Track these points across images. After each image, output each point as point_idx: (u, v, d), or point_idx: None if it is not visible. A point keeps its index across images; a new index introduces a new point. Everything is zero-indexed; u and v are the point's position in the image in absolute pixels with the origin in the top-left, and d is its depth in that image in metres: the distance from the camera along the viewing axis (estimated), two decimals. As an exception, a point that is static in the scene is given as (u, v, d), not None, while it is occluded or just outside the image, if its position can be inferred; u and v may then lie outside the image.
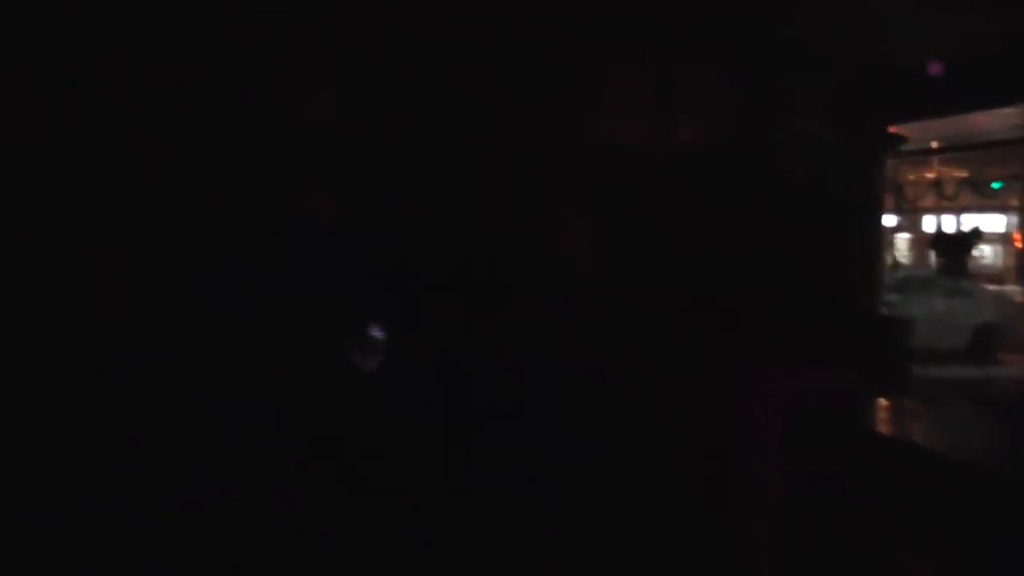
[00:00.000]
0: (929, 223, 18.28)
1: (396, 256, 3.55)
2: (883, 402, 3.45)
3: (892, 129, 5.50)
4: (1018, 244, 17.09)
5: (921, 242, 18.23)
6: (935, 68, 4.46)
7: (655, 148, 4.02)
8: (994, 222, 17.77)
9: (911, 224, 18.89)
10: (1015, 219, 17.28)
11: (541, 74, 3.65)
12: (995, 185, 15.29)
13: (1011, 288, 14.80)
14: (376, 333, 3.52)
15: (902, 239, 18.97)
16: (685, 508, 3.43)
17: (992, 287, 13.73)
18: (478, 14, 3.58)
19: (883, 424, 3.31)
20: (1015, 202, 16.22)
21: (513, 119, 3.59)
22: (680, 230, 4.04)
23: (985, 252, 17.12)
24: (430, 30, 3.59)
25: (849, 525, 2.96)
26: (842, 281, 4.91)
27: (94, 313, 2.98)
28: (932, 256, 14.63)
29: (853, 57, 4.81)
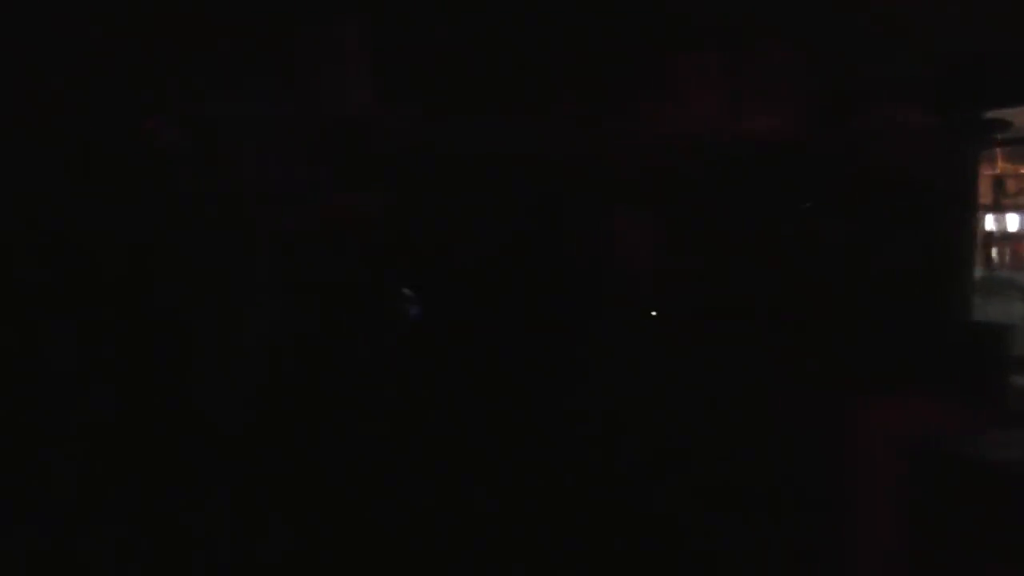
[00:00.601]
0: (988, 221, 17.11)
1: (439, 256, 3.28)
2: (1008, 431, 3.02)
3: (991, 116, 4.99)
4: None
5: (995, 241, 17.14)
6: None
7: (727, 140, 3.67)
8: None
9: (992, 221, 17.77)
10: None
11: (599, 58, 3.33)
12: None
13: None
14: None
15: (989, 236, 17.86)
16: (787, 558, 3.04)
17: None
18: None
19: (1009, 458, 2.87)
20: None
21: (568, 108, 3.27)
22: (753, 231, 3.69)
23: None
24: (480, 10, 3.29)
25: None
26: (935, 286, 4.47)
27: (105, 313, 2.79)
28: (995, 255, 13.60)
29: (947, 37, 4.37)
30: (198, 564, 2.96)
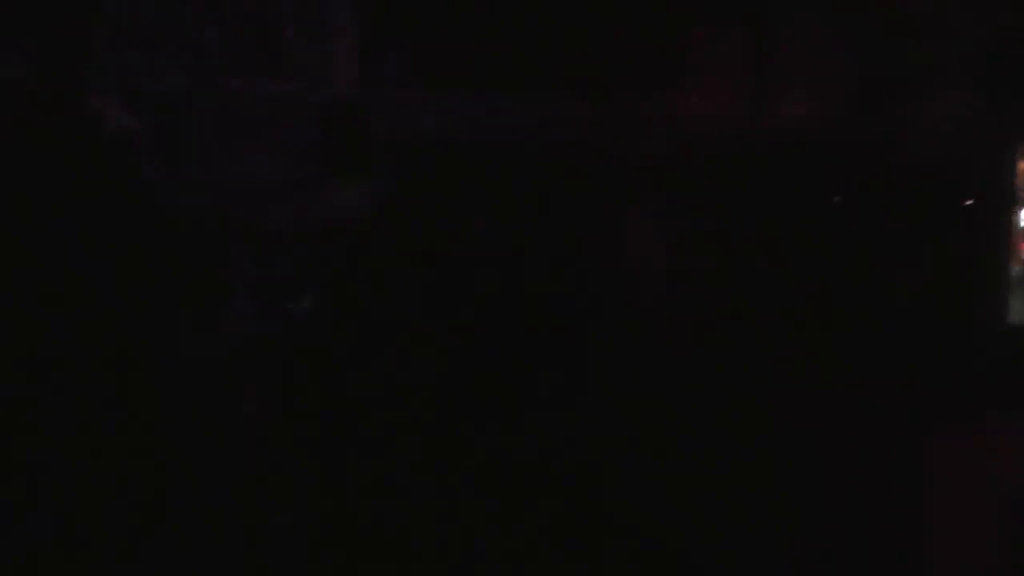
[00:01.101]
0: None
1: (433, 258, 3.07)
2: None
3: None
4: None
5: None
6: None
7: (750, 131, 3.43)
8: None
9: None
10: None
11: (610, 38, 3.07)
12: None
13: None
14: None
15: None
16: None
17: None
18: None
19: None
20: None
21: (575, 94, 3.02)
22: (780, 230, 3.45)
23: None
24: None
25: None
26: (974, 289, 4.23)
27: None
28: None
29: (989, 22, 4.12)
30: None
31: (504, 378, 2.92)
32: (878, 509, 2.63)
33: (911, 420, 2.73)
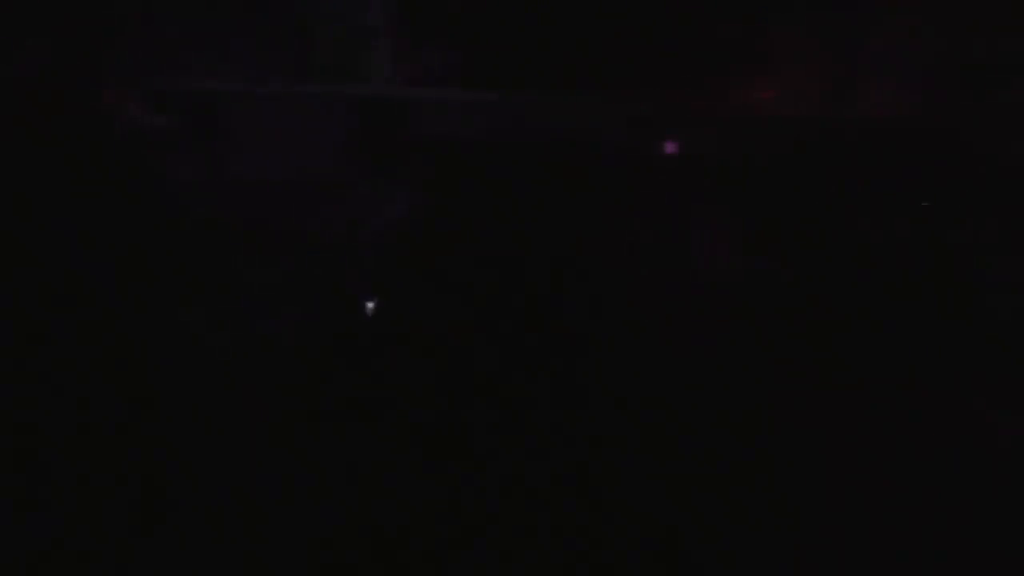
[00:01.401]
0: None
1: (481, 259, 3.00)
2: None
3: None
4: None
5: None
6: None
7: (830, 123, 3.25)
8: None
9: None
10: None
11: (678, 28, 2.95)
12: None
13: None
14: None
15: None
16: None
17: None
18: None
19: None
20: None
21: (637, 88, 2.91)
22: (861, 230, 3.26)
23: None
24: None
25: None
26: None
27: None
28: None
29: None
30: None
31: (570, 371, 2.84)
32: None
33: None
